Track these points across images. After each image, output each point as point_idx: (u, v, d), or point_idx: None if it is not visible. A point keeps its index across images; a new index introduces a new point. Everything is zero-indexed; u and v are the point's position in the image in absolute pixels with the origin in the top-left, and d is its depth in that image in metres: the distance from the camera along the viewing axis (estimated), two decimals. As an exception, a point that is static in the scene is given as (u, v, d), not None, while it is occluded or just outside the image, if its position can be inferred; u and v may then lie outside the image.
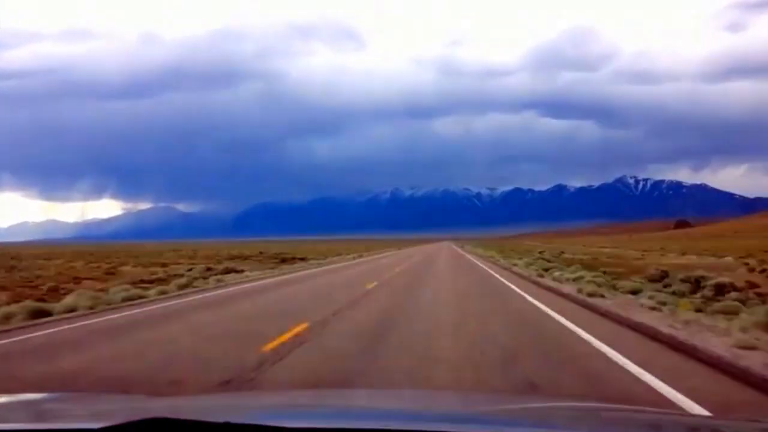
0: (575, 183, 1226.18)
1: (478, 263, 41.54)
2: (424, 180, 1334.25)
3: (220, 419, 2.08)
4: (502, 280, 24.31)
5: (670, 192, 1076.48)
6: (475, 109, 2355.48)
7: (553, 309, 13.52)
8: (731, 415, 5.23)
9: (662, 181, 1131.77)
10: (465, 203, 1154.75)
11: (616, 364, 7.65)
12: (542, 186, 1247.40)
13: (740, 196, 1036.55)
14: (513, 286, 20.72)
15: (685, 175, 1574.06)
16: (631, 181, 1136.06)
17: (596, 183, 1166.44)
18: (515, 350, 8.65)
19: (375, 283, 21.68)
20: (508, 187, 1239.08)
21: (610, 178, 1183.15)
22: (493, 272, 29.96)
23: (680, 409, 5.60)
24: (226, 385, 6.52)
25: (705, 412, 5.47)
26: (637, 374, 7.03)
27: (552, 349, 8.82)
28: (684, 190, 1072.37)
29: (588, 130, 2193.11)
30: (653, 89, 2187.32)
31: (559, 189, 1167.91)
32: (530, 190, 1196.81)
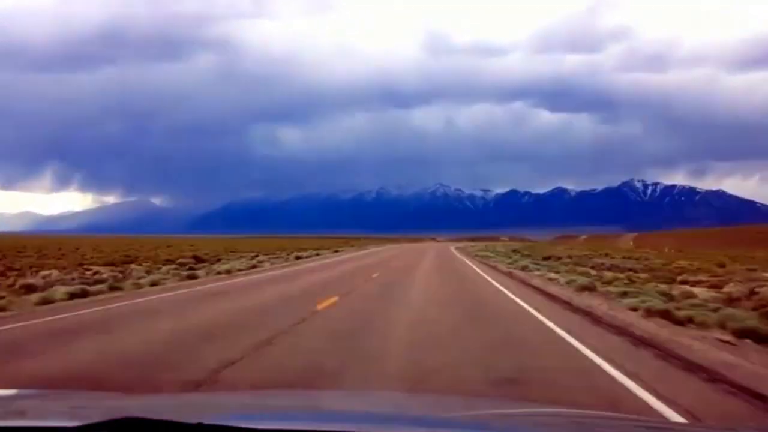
0: (576, 186, 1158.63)
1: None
2: (412, 179, 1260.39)
3: (194, 419, 2.14)
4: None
5: (683, 198, 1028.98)
6: (464, 99, 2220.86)
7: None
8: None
9: (673, 186, 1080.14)
10: (457, 205, 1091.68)
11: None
12: (540, 188, 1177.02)
13: (763, 204, 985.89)
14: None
15: (699, 180, 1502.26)
16: (639, 185, 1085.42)
17: (600, 187, 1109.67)
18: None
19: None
20: (503, 189, 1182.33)
21: (615, 182, 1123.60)
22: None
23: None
24: None
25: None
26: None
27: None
28: (698, 197, 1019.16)
29: (589, 124, 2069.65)
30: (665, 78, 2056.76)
31: (560, 192, 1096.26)
32: (527, 193, 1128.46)
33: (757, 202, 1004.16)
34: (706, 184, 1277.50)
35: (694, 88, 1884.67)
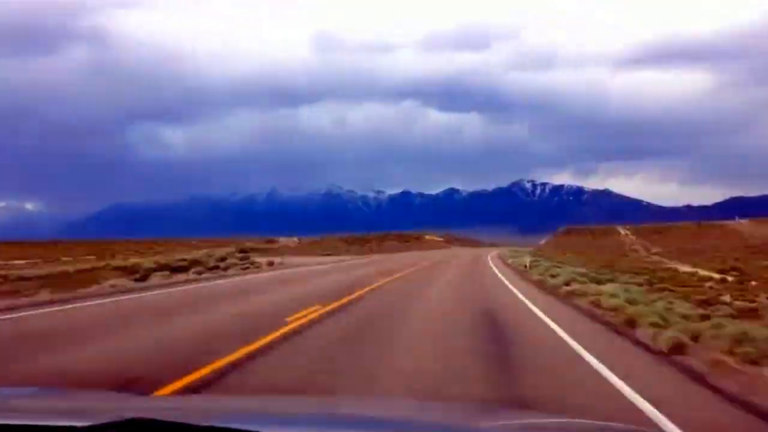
0: (467, 186, 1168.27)
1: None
2: (303, 180, 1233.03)
3: (203, 422, 2.15)
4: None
5: (571, 198, 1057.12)
6: (355, 98, 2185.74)
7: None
8: None
9: (561, 186, 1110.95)
10: (350, 207, 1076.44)
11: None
12: (433, 189, 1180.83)
13: (651, 203, 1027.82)
14: None
15: (585, 180, 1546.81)
16: (529, 185, 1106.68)
17: (490, 186, 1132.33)
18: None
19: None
20: (396, 190, 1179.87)
21: (505, 182, 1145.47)
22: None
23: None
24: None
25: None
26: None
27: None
28: (585, 196, 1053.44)
29: (477, 124, 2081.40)
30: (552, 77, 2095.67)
31: (452, 193, 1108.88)
32: (420, 194, 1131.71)
33: (642, 201, 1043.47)
34: (593, 183, 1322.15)
35: (580, 89, 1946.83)
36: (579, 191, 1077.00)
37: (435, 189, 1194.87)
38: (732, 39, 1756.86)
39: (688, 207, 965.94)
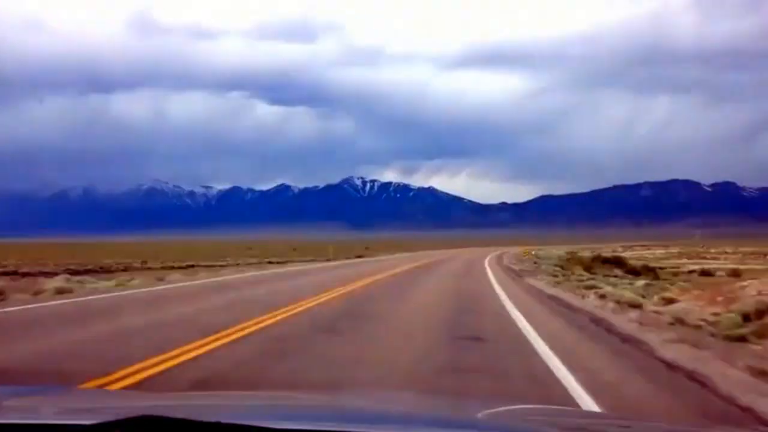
0: (298, 182, 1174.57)
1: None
2: (123, 174, 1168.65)
3: (211, 418, 2.14)
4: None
5: (398, 195, 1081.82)
6: (177, 86, 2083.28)
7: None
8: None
9: (389, 183, 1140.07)
10: (176, 203, 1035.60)
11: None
12: (263, 185, 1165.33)
13: (472, 201, 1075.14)
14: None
15: (411, 178, 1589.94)
16: (359, 182, 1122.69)
17: (321, 183, 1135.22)
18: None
19: None
20: (225, 185, 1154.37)
21: (336, 179, 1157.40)
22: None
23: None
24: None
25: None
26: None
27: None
28: (411, 193, 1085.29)
29: (307, 118, 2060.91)
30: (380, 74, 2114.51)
31: (283, 189, 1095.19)
32: (250, 189, 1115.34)
33: (464, 198, 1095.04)
34: (418, 181, 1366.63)
35: (406, 87, 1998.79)
36: (406, 188, 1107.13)
37: (266, 185, 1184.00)
38: (549, 47, 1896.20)
39: (504, 204, 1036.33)
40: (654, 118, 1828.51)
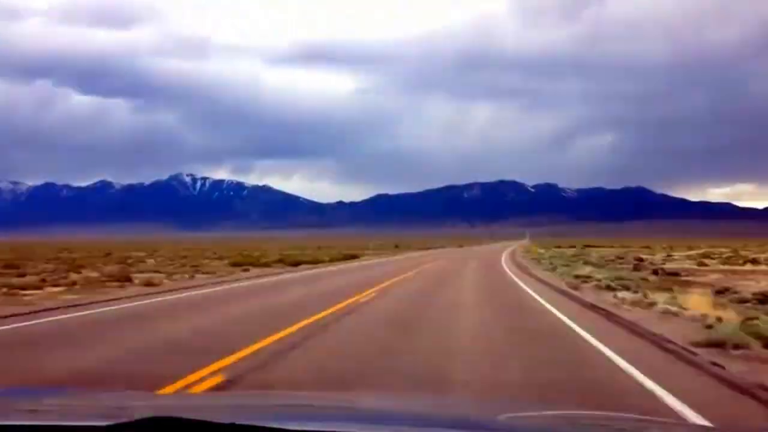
0: (122, 179, 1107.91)
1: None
2: None
3: (226, 419, 2.16)
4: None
5: (231, 193, 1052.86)
6: None
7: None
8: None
9: (222, 181, 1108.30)
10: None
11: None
12: (82, 181, 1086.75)
13: (309, 200, 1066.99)
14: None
15: (245, 176, 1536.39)
16: (188, 179, 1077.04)
17: (147, 180, 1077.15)
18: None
19: None
20: (37, 181, 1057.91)
21: (164, 175, 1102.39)
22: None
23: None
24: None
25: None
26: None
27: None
28: (245, 192, 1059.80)
29: (127, 111, 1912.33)
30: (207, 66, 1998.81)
31: (104, 186, 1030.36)
32: (66, 186, 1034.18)
33: (300, 197, 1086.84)
34: (253, 179, 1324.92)
35: (236, 83, 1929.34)
36: (239, 187, 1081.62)
37: (84, 181, 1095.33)
38: (381, 48, 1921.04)
39: (341, 203, 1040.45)
40: (481, 122, 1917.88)
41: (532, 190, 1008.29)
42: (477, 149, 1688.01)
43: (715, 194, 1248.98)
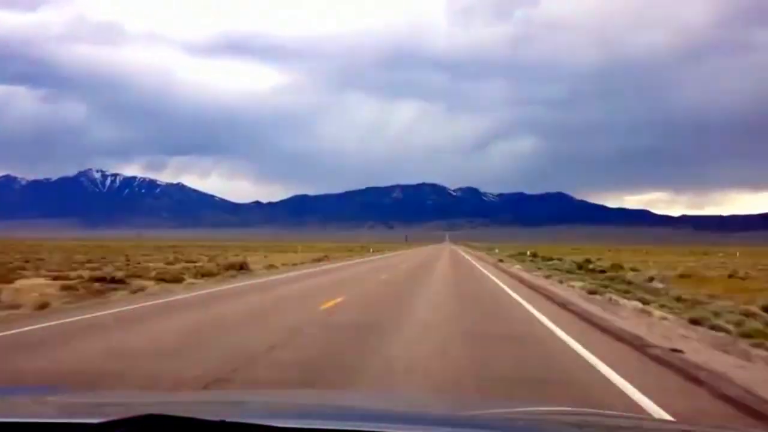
0: (27, 174, 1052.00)
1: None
2: None
3: (216, 417, 2.18)
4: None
5: (143, 190, 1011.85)
6: None
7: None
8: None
9: (134, 178, 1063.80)
10: None
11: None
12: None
13: (224, 199, 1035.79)
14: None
15: (158, 173, 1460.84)
16: (98, 175, 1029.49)
17: (55, 175, 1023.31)
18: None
19: None
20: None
21: (72, 171, 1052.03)
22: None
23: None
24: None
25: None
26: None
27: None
28: (158, 189, 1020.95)
29: (32, 102, 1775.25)
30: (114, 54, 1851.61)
31: (8, 181, 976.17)
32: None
33: (215, 196, 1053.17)
34: (166, 177, 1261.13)
35: (151, 72, 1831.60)
36: (152, 184, 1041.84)
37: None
38: (309, 44, 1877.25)
39: (257, 203, 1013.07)
40: (405, 123, 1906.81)
41: (454, 193, 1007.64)
42: (399, 150, 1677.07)
43: (631, 201, 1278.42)
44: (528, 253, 75.49)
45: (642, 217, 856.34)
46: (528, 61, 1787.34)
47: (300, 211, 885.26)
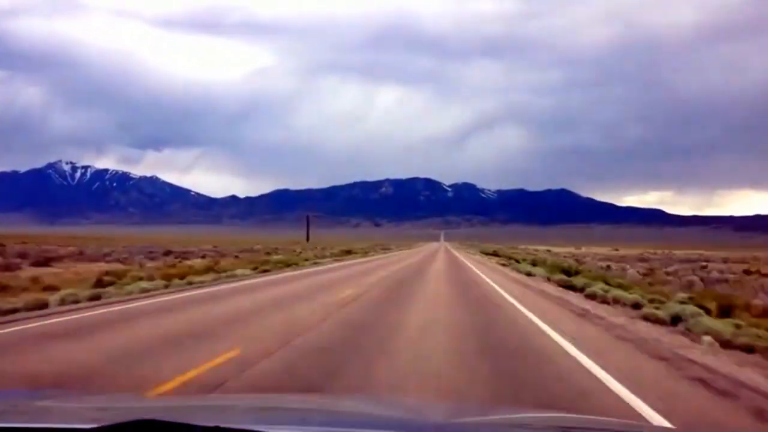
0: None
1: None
2: None
3: (210, 422, 2.19)
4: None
5: (115, 183, 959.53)
6: None
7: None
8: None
9: (106, 171, 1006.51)
10: None
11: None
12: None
13: (197, 193, 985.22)
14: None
15: (133, 166, 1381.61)
16: (68, 167, 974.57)
17: (23, 167, 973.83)
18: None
19: None
20: None
21: (41, 162, 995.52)
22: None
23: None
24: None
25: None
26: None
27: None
28: (131, 183, 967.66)
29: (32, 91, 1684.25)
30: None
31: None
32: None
33: (191, 190, 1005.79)
34: (141, 170, 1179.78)
35: (115, 56, 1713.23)
36: (125, 177, 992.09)
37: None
38: (290, 22, 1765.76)
39: (234, 197, 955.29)
40: (398, 111, 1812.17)
41: (449, 189, 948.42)
42: (390, 141, 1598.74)
43: (630, 201, 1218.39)
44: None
45: (657, 216, 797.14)
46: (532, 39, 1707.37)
47: (281, 207, 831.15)
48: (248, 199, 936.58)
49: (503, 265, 48.67)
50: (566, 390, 7.28)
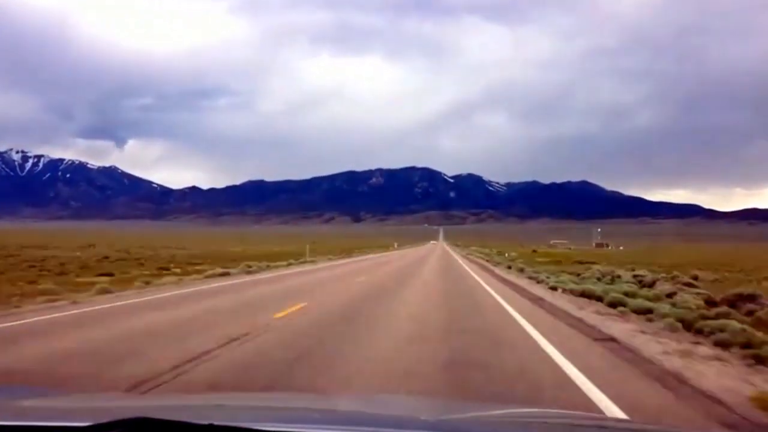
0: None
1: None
2: None
3: (204, 420, 2.21)
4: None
5: (68, 174, 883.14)
6: None
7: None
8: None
9: (61, 160, 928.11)
10: None
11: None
12: None
13: (159, 184, 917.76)
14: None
15: (96, 157, 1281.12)
16: (17, 156, 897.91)
17: None
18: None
19: None
20: None
21: None
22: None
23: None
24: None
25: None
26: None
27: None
28: (92, 173, 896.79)
29: None
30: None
31: None
32: None
33: (153, 182, 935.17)
34: (100, 159, 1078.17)
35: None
36: (83, 167, 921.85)
37: None
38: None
39: (193, 188, 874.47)
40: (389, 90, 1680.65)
41: (452, 181, 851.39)
42: (383, 126, 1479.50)
43: (659, 195, 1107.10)
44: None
45: (693, 211, 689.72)
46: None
47: (254, 199, 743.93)
48: (214, 190, 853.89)
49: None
50: None
